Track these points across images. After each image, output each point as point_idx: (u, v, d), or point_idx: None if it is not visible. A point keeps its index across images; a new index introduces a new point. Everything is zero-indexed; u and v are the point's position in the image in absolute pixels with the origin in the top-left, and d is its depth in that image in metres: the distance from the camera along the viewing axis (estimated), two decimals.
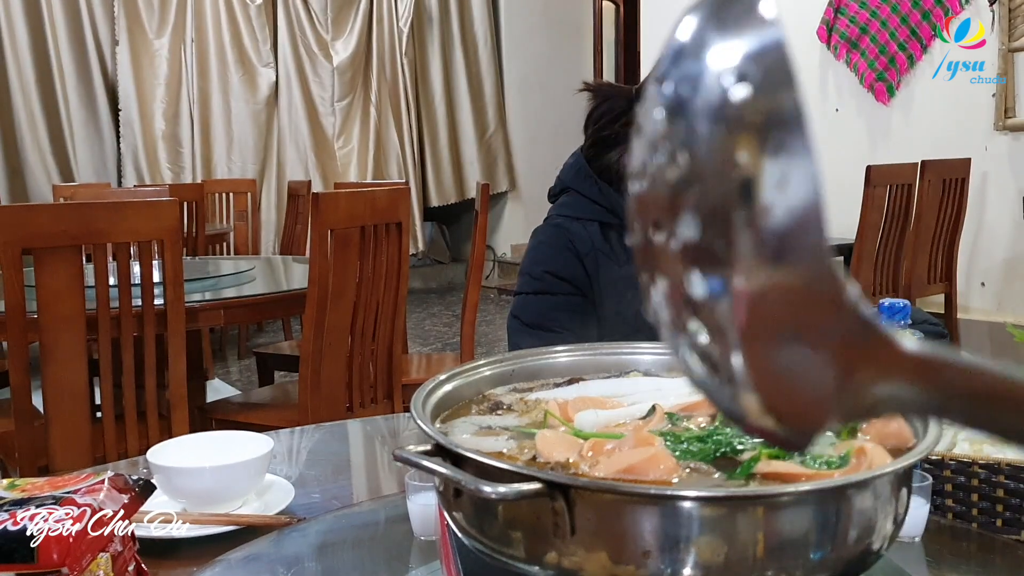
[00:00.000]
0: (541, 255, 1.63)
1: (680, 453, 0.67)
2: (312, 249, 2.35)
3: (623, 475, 0.63)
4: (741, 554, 0.57)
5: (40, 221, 2.03)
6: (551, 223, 1.66)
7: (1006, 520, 0.99)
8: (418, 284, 7.42)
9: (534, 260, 1.64)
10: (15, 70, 6.33)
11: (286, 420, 2.39)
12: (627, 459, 0.64)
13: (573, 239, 1.60)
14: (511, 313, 1.64)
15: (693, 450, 0.67)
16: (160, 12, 6.91)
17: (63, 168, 6.50)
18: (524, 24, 7.92)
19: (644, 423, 0.73)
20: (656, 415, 0.74)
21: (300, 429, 1.54)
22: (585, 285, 1.58)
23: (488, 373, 0.84)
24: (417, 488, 0.97)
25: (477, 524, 0.64)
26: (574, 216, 1.63)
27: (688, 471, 0.65)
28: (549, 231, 1.65)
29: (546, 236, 1.65)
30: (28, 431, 2.11)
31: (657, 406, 0.76)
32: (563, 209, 1.66)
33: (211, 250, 4.89)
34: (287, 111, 7.30)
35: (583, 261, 1.58)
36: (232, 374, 5.10)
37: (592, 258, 1.58)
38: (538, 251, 1.64)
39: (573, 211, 1.64)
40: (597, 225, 1.60)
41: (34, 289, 2.03)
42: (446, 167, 7.90)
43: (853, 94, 5.25)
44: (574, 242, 1.59)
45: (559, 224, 1.63)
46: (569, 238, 1.60)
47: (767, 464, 0.64)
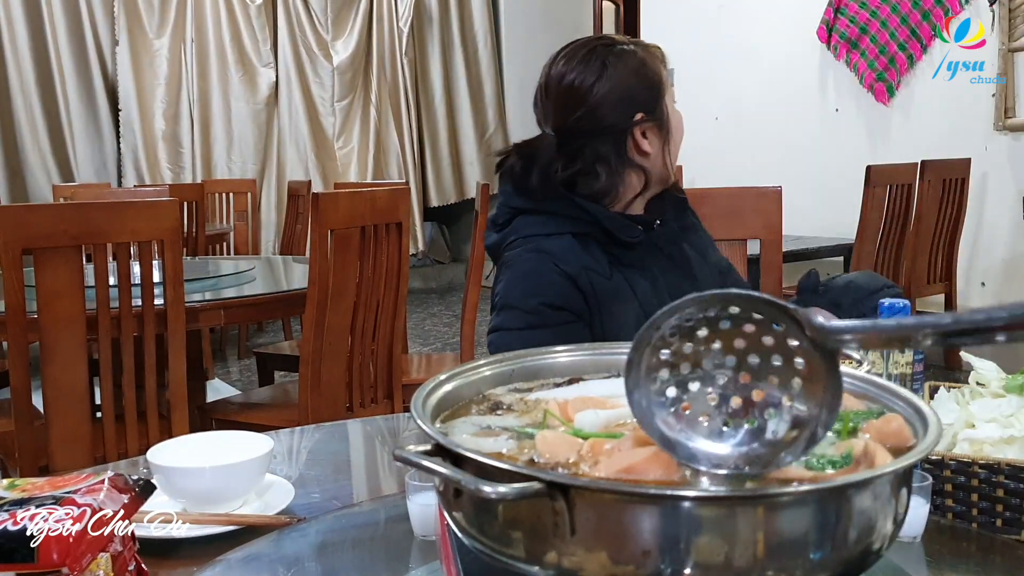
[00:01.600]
0: (532, 286, 1.48)
1: None
2: (312, 249, 2.35)
3: (623, 475, 0.63)
4: (741, 554, 0.57)
5: (40, 221, 2.03)
6: (527, 249, 1.51)
7: (1006, 520, 0.99)
8: (418, 284, 7.42)
9: (526, 292, 1.48)
10: (15, 70, 6.33)
11: (286, 420, 2.39)
12: (627, 459, 0.64)
13: (557, 261, 1.47)
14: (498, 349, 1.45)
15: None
16: (160, 12, 6.91)
17: (63, 168, 6.50)
18: (524, 24, 7.92)
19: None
20: None
21: (300, 429, 1.54)
22: (582, 310, 1.48)
23: (488, 373, 0.84)
24: (417, 488, 0.97)
25: (477, 524, 0.64)
26: (545, 234, 1.51)
27: (689, 471, 0.65)
28: (531, 258, 1.50)
29: (530, 264, 1.49)
30: (28, 431, 2.12)
31: None
32: (529, 230, 1.52)
33: (211, 250, 4.90)
34: (287, 111, 7.30)
35: (575, 281, 1.47)
36: (232, 374, 5.10)
37: (584, 276, 1.47)
38: (527, 282, 1.49)
39: (543, 229, 1.52)
40: (570, 237, 1.50)
41: (34, 289, 2.03)
42: (446, 167, 7.91)
43: (853, 94, 5.25)
44: (559, 264, 1.47)
45: (537, 247, 1.50)
46: (553, 261, 1.48)
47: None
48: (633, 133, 1.52)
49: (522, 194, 1.55)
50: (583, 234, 1.51)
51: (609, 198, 1.54)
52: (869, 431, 0.70)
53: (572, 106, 1.52)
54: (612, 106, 1.51)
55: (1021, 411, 1.05)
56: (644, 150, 1.53)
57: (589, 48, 1.54)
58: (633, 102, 1.52)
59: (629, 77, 1.52)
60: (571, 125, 1.53)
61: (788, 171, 5.06)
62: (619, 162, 1.53)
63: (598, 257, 1.51)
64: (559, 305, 1.47)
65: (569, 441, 0.68)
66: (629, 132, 1.52)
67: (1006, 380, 1.11)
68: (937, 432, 0.65)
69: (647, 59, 1.54)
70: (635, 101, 1.52)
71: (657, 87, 1.54)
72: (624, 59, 1.52)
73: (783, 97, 5.50)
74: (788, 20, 5.46)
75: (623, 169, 1.53)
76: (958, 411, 1.09)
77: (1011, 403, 1.07)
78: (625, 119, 1.52)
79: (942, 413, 1.06)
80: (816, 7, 5.29)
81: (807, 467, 0.65)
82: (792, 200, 2.70)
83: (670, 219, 1.60)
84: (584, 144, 1.52)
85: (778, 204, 2.17)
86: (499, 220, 1.58)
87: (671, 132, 1.56)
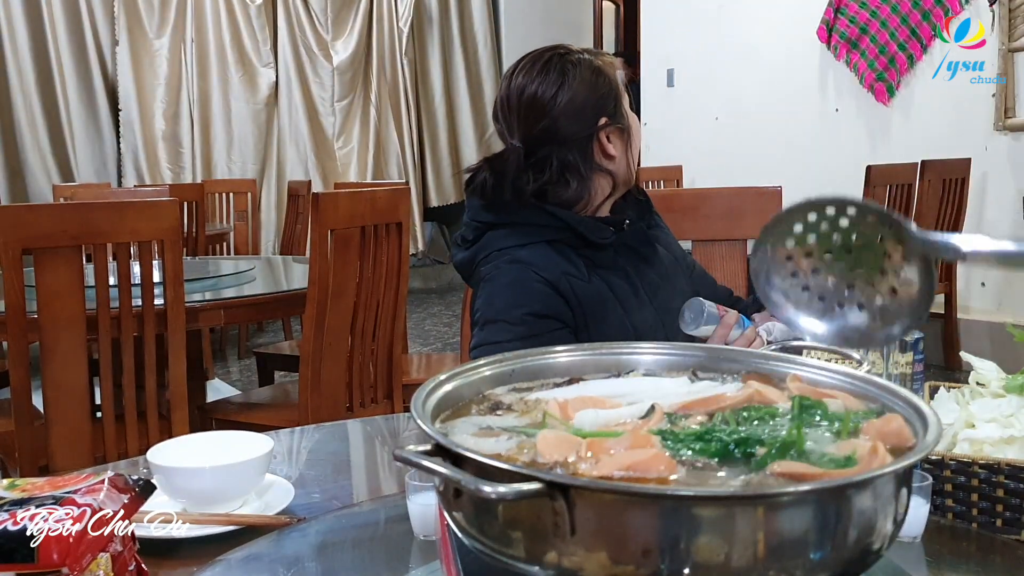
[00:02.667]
0: (514, 296, 1.47)
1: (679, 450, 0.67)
2: (312, 249, 2.35)
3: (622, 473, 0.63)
4: (741, 554, 0.57)
5: (40, 221, 2.03)
6: (504, 261, 1.50)
7: (1006, 520, 0.99)
8: (418, 284, 7.42)
9: (509, 304, 1.47)
10: (15, 70, 6.32)
11: (286, 420, 2.39)
12: (626, 460, 0.64)
13: (537, 269, 1.47)
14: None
15: (694, 448, 0.67)
16: (160, 12, 6.91)
17: (63, 168, 6.50)
18: (524, 24, 7.92)
19: (643, 423, 0.73)
20: (655, 415, 0.74)
21: (300, 429, 1.54)
22: (567, 316, 1.48)
23: (488, 373, 0.84)
24: (417, 488, 0.97)
25: (477, 524, 0.64)
26: (519, 244, 1.51)
27: (691, 469, 0.65)
28: (510, 270, 1.49)
29: (511, 276, 1.49)
30: (28, 431, 2.12)
31: (656, 405, 0.76)
32: (502, 243, 1.52)
33: (211, 250, 4.90)
34: (287, 111, 7.30)
35: (557, 288, 1.47)
36: (232, 374, 5.10)
37: (565, 281, 1.47)
38: (509, 293, 1.48)
39: (516, 240, 1.51)
40: (544, 245, 1.50)
41: (34, 289, 2.03)
42: (446, 167, 7.91)
43: (853, 94, 5.25)
44: (539, 272, 1.47)
45: (513, 259, 1.50)
46: (533, 270, 1.48)
47: (780, 464, 0.63)
48: (598, 138, 1.54)
49: (492, 209, 1.55)
50: (556, 241, 1.52)
51: (580, 204, 1.56)
52: (869, 431, 0.70)
53: (535, 117, 1.54)
54: (575, 114, 1.53)
55: (1021, 411, 1.05)
56: (609, 154, 1.55)
57: (545, 59, 1.56)
58: (594, 108, 1.54)
59: (588, 84, 1.54)
60: (536, 136, 1.54)
61: (788, 171, 5.05)
62: (587, 168, 1.54)
63: (575, 261, 1.51)
64: (545, 313, 1.47)
65: (569, 441, 0.68)
66: (594, 137, 1.54)
67: (1006, 380, 1.11)
68: (937, 432, 0.66)
69: (602, 66, 1.56)
70: (596, 107, 1.54)
71: (615, 92, 1.56)
72: (581, 67, 1.54)
73: (783, 97, 5.50)
74: (788, 20, 5.46)
75: (591, 175, 1.55)
76: (958, 411, 1.09)
77: (1011, 403, 1.07)
78: (589, 125, 1.54)
79: (942, 413, 1.06)
80: (816, 7, 5.29)
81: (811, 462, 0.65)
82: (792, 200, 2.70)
83: (635, 218, 1.61)
84: (551, 154, 1.54)
85: (778, 204, 2.18)
86: (469, 236, 1.58)
87: (632, 135, 1.59)
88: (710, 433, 0.69)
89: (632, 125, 1.59)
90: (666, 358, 0.89)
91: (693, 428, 0.72)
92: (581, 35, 8.09)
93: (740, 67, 5.68)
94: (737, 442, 0.67)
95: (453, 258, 1.63)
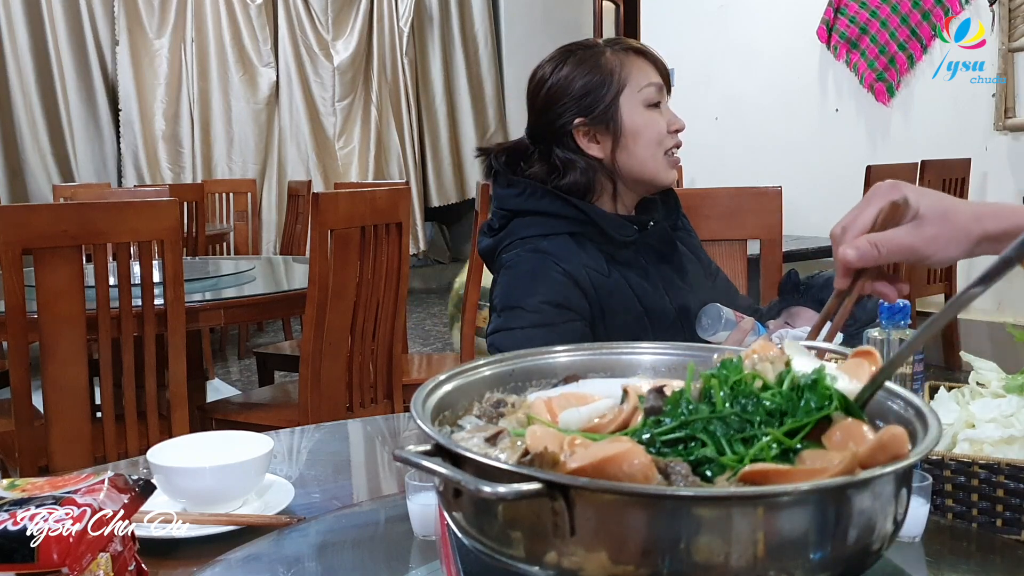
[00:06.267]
0: (534, 285, 1.46)
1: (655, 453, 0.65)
2: (312, 249, 2.35)
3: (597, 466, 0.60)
4: (741, 554, 0.57)
5: (40, 221, 2.03)
6: (526, 249, 1.50)
7: (1006, 520, 0.99)
8: (418, 284, 7.41)
9: (528, 291, 1.46)
10: (15, 70, 6.32)
11: (286, 420, 2.39)
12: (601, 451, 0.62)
13: (558, 260, 1.47)
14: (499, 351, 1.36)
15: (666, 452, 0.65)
16: (160, 12, 6.91)
17: (63, 168, 6.50)
18: (524, 24, 7.92)
19: (620, 410, 0.72)
20: (630, 398, 0.73)
21: (300, 429, 1.54)
22: (584, 309, 1.47)
23: (488, 373, 0.84)
24: (417, 488, 0.97)
25: (477, 524, 0.64)
26: (542, 234, 1.50)
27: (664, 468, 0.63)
28: (531, 258, 1.49)
29: (530, 264, 1.48)
30: (28, 431, 2.12)
31: (628, 388, 0.74)
32: (527, 231, 1.52)
33: (211, 250, 4.90)
34: (288, 111, 7.30)
35: (576, 280, 1.46)
36: (232, 374, 5.10)
37: (584, 274, 1.47)
38: (529, 281, 1.47)
39: (539, 230, 1.51)
40: (566, 237, 1.50)
41: (34, 289, 2.03)
42: (446, 167, 7.91)
43: (853, 94, 5.24)
44: (559, 262, 1.47)
45: (535, 248, 1.50)
46: (554, 260, 1.47)
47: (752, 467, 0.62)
48: (574, 135, 1.53)
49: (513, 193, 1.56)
50: (578, 234, 1.51)
51: (591, 195, 1.55)
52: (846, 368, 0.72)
53: (530, 106, 1.58)
54: (556, 108, 1.53)
55: (1021, 411, 1.05)
56: (589, 153, 1.53)
57: (562, 50, 1.57)
58: (574, 105, 1.52)
59: (572, 80, 1.52)
60: (531, 124, 1.58)
61: (788, 171, 5.05)
62: (582, 161, 1.53)
63: (595, 256, 1.51)
64: (562, 304, 1.46)
65: (558, 435, 0.68)
66: (567, 134, 1.53)
67: (1006, 380, 1.11)
68: (937, 432, 0.65)
69: (601, 61, 1.52)
70: (576, 104, 1.52)
71: (599, 90, 1.51)
72: (569, 64, 1.54)
73: (783, 97, 5.50)
74: (788, 20, 5.46)
75: (587, 168, 1.54)
76: (958, 411, 1.09)
77: (1011, 403, 1.07)
78: (566, 121, 1.53)
79: (942, 413, 1.06)
80: (816, 7, 5.28)
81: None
82: (792, 200, 2.70)
83: (661, 219, 1.60)
84: (548, 145, 1.55)
85: (778, 204, 2.17)
86: (494, 224, 1.58)
87: (626, 135, 1.52)
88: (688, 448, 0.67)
89: (637, 125, 1.53)
90: (667, 358, 0.89)
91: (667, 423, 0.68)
92: (581, 35, 8.07)
93: (740, 67, 5.68)
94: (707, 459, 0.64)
95: (478, 245, 1.64)
